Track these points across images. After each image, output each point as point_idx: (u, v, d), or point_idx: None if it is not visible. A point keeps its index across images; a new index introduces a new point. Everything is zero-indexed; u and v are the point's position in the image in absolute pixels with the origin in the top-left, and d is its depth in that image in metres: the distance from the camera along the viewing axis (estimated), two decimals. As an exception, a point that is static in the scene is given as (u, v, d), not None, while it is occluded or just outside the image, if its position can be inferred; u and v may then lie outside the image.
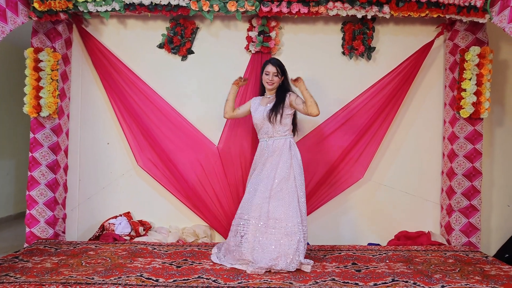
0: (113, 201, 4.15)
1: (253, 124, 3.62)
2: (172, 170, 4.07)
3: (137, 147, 4.09)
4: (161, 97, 4.07)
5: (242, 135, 4.07)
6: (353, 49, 4.05)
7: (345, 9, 3.81)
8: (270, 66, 3.49)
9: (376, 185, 4.17)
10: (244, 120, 4.05)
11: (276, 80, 3.52)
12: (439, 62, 4.14)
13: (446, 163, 4.08)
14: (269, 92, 3.59)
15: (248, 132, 4.05)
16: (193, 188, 4.09)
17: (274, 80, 3.51)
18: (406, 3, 3.74)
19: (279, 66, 3.50)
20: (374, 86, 4.06)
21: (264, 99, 3.60)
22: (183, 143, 4.09)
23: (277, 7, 3.79)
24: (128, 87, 4.05)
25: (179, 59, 4.11)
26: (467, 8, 3.52)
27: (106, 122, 4.13)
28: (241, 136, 4.07)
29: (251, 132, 4.02)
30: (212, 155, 4.09)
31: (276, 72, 3.50)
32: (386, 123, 4.08)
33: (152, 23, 4.08)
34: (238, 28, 4.08)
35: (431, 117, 4.17)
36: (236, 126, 4.07)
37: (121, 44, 4.08)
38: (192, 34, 4.06)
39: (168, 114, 4.08)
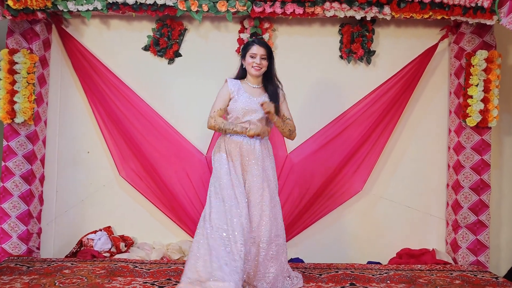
0: (92, 215, 3.86)
1: (227, 111, 2.99)
2: (157, 181, 3.79)
3: (119, 156, 3.82)
4: (146, 103, 3.80)
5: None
6: (351, 52, 3.79)
7: (343, 10, 3.56)
8: (257, 47, 2.91)
9: (376, 198, 3.90)
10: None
11: (264, 64, 2.95)
12: (443, 67, 3.89)
13: (452, 175, 3.81)
14: (253, 79, 3.00)
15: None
16: (179, 201, 3.80)
17: (262, 64, 2.93)
18: (408, 3, 3.50)
19: (267, 48, 2.95)
20: (374, 92, 3.80)
21: (247, 87, 2.99)
22: (169, 152, 3.81)
23: (270, 7, 3.54)
24: (111, 92, 3.78)
25: (165, 62, 3.84)
26: (473, 9, 3.27)
27: (86, 129, 3.86)
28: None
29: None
30: (200, 165, 3.81)
31: (265, 55, 2.94)
32: (387, 132, 3.82)
33: (137, 23, 3.82)
34: (229, 30, 3.82)
35: (435, 126, 3.91)
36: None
37: (104, 46, 3.82)
38: (180, 36, 3.80)
39: (153, 121, 3.81)
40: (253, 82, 3.03)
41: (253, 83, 3.03)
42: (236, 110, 2.95)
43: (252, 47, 2.94)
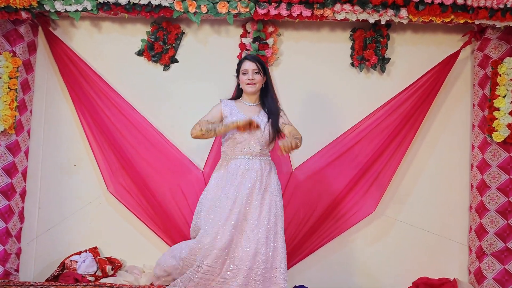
0: (78, 234, 3.53)
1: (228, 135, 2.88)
2: (149, 198, 3.45)
3: (108, 170, 3.49)
4: (138, 113, 3.49)
5: (232, 159, 3.45)
6: (364, 60, 3.46)
7: (355, 13, 3.23)
8: (248, 63, 2.86)
9: (391, 221, 3.53)
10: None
11: (258, 79, 2.86)
12: (465, 76, 3.54)
13: (475, 197, 3.42)
14: (249, 98, 2.93)
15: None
16: (173, 221, 3.46)
17: (255, 78, 2.85)
18: (427, 6, 3.17)
19: (259, 62, 2.87)
20: (389, 103, 3.46)
21: (243, 106, 2.92)
22: (163, 167, 3.48)
23: (275, 9, 3.23)
24: (100, 100, 3.47)
25: (160, 69, 3.54)
26: (501, 11, 2.94)
27: (73, 140, 3.55)
28: (231, 160, 3.45)
29: (242, 155, 3.41)
30: (196, 181, 3.47)
31: (257, 69, 2.85)
32: (403, 148, 3.46)
33: (131, 26, 3.53)
34: (229, 34, 3.51)
35: (456, 142, 3.54)
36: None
37: (94, 50, 3.53)
38: (177, 40, 3.49)
39: (146, 132, 3.49)
40: (249, 100, 2.94)
41: (249, 101, 2.94)
42: (234, 133, 2.84)
43: (244, 64, 2.90)
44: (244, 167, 2.82)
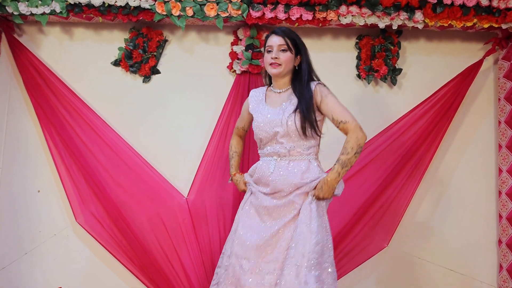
0: (39, 273, 3.01)
1: (254, 133, 2.31)
2: (124, 230, 2.95)
3: (77, 198, 3.00)
4: (113, 131, 3.03)
5: (221, 183, 2.99)
6: (372, 70, 3.02)
7: (363, 16, 2.82)
8: (274, 37, 2.19)
9: (406, 257, 3.04)
10: (224, 163, 2.98)
11: (285, 58, 2.18)
12: (488, 89, 3.10)
13: (506, 229, 2.93)
14: (276, 82, 2.28)
15: (228, 178, 2.95)
16: (151, 256, 2.96)
17: (280, 57, 2.17)
18: (447, 8, 2.77)
19: (288, 37, 2.19)
20: (402, 120, 3.01)
21: (271, 95, 2.30)
22: (141, 193, 3.00)
23: (271, 11, 2.82)
24: (70, 117, 3.02)
25: (140, 80, 3.10)
26: (537, 11, 2.52)
27: (37, 162, 3.07)
28: (220, 185, 2.99)
29: (232, 178, 2.94)
30: (179, 209, 3.00)
31: (285, 45, 2.18)
32: (419, 172, 2.99)
33: (107, 33, 3.10)
34: (219, 42, 3.09)
35: (480, 164, 3.08)
36: (213, 171, 2.99)
37: (65, 59, 3.09)
38: (158, 48, 3.07)
39: (122, 153, 3.02)
40: (277, 86, 2.29)
41: (277, 87, 2.29)
42: (257, 131, 2.27)
43: (269, 39, 2.23)
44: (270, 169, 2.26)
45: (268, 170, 2.20)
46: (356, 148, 2.11)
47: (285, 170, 2.17)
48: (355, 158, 2.12)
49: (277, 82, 2.28)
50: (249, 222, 2.23)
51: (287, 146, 2.19)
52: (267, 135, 2.23)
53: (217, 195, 3.00)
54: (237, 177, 2.44)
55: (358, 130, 2.13)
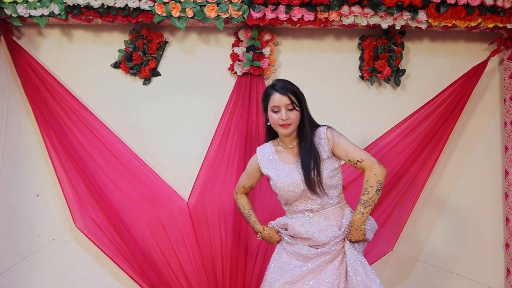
0: (37, 279, 2.96)
1: (278, 194, 2.25)
2: (123, 235, 2.90)
3: (76, 202, 2.95)
4: (113, 134, 2.99)
5: (222, 187, 2.95)
6: (375, 71, 2.98)
7: (366, 16, 2.78)
8: (278, 96, 2.13)
9: (411, 261, 2.98)
10: (225, 166, 2.94)
11: (294, 116, 2.14)
12: (493, 90, 3.06)
13: (512, 232, 2.88)
14: (285, 140, 2.25)
15: (230, 182, 2.92)
16: (151, 261, 2.91)
17: (290, 117, 2.14)
18: (450, 7, 2.73)
19: (292, 93, 2.15)
20: (406, 122, 2.96)
21: (281, 150, 2.26)
22: (141, 197, 2.96)
23: (272, 12, 2.78)
24: (70, 120, 2.98)
25: (140, 83, 3.06)
26: (543, 9, 2.47)
27: (36, 166, 3.02)
28: (221, 188, 2.94)
29: (234, 181, 2.89)
30: (180, 213, 2.95)
31: (291, 104, 2.14)
32: (424, 174, 2.94)
33: (107, 35, 3.07)
34: (220, 43, 3.06)
35: (486, 167, 3.03)
36: (214, 174, 2.95)
37: (64, 62, 3.05)
38: (159, 50, 3.03)
39: (122, 156, 2.98)
40: (286, 142, 2.25)
41: (287, 143, 2.25)
42: (282, 193, 2.19)
43: (272, 98, 2.16)
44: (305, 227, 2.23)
45: (303, 228, 2.15)
46: (376, 186, 2.08)
47: (321, 225, 2.14)
48: (377, 196, 2.10)
49: (286, 139, 2.24)
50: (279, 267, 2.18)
51: (319, 201, 2.15)
52: (295, 194, 2.16)
53: (218, 198, 2.95)
54: (267, 230, 2.31)
55: (376, 166, 2.10)
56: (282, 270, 2.15)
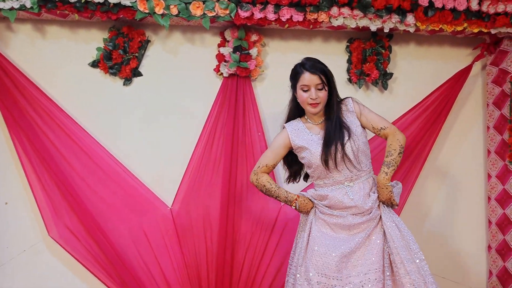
0: (7, 293, 2.74)
1: (307, 166, 2.29)
2: (102, 244, 2.74)
3: (50, 209, 2.76)
4: (91, 137, 2.82)
5: (207, 192, 2.83)
6: (363, 74, 2.95)
7: (355, 18, 2.75)
8: (308, 75, 2.18)
9: (398, 265, 2.94)
10: (211, 171, 2.84)
11: (323, 96, 2.20)
12: (476, 95, 3.10)
13: (495, 235, 2.92)
14: (313, 116, 2.29)
15: (216, 187, 2.81)
16: (132, 271, 2.77)
17: (320, 97, 2.19)
18: (438, 11, 2.74)
19: (322, 73, 2.20)
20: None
21: (312, 126, 2.29)
22: (121, 203, 2.81)
23: (260, 11, 2.70)
24: (43, 121, 2.78)
25: (120, 83, 2.90)
26: (529, 15, 2.51)
27: (5, 172, 2.81)
28: (207, 194, 2.83)
29: (220, 186, 2.78)
30: (163, 220, 2.82)
31: (321, 84, 2.19)
32: (411, 178, 2.94)
33: (84, 32, 2.89)
34: (205, 43, 2.94)
35: (469, 170, 3.06)
36: (199, 179, 2.84)
37: (37, 60, 2.85)
38: (140, 49, 2.88)
39: (101, 161, 2.81)
40: (315, 119, 2.30)
41: (316, 120, 2.30)
42: (314, 161, 2.21)
43: (302, 77, 2.21)
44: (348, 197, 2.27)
45: (347, 197, 2.18)
46: (399, 149, 2.21)
47: (363, 192, 2.19)
48: (399, 158, 2.22)
49: (315, 116, 2.29)
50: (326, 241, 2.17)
51: (355, 171, 2.20)
52: (329, 165, 2.19)
53: (203, 204, 2.84)
54: (302, 198, 2.28)
55: (398, 133, 2.25)
56: (333, 243, 2.14)
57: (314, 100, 2.20)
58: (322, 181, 2.25)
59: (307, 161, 2.24)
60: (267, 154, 2.36)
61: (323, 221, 2.22)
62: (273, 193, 2.30)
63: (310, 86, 2.19)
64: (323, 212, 2.22)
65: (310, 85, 2.19)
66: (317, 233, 2.19)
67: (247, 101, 2.89)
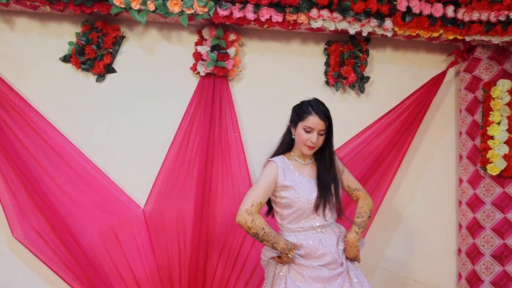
0: (-33, 297, 2.61)
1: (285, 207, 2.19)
2: (70, 245, 2.64)
3: (15, 209, 2.64)
4: (61, 134, 2.72)
5: (181, 194, 2.77)
6: (340, 77, 2.96)
7: (334, 21, 2.75)
8: (315, 119, 2.16)
9: (371, 268, 2.99)
10: (185, 172, 2.78)
11: (321, 141, 2.20)
12: (449, 101, 3.15)
13: (465, 238, 2.98)
14: (303, 156, 2.27)
15: (190, 189, 2.75)
16: (102, 274, 2.69)
17: (319, 142, 2.19)
18: (415, 17, 2.77)
19: (329, 119, 2.20)
20: (369, 129, 2.97)
21: (298, 165, 2.26)
22: (92, 204, 2.71)
23: (239, 10, 2.67)
24: (10, 118, 2.66)
25: (93, 79, 2.80)
26: (502, 24, 2.57)
27: (-32, 169, 2.66)
28: (181, 195, 2.77)
29: (195, 188, 2.74)
30: (135, 221, 2.74)
31: (324, 130, 2.19)
32: (386, 182, 2.96)
33: (56, 25, 2.78)
34: (182, 41, 2.88)
35: (442, 175, 3.12)
36: (173, 179, 2.78)
37: (4, 53, 2.73)
38: (115, 45, 2.80)
39: (72, 160, 2.71)
40: (303, 158, 2.29)
41: (304, 160, 2.29)
42: (302, 205, 2.16)
43: (309, 118, 2.18)
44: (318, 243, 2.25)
45: (321, 244, 2.16)
46: (369, 213, 2.32)
47: (333, 241, 2.20)
48: (368, 221, 2.33)
49: (304, 156, 2.28)
50: None
51: (330, 216, 2.23)
52: (311, 208, 2.17)
53: (177, 206, 2.77)
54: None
55: (369, 197, 2.37)
56: None
57: (314, 144, 2.17)
58: (297, 225, 2.18)
59: (289, 201, 2.16)
60: (260, 190, 2.16)
61: (298, 273, 2.14)
62: (271, 238, 2.10)
63: (314, 129, 2.17)
64: (299, 264, 2.15)
65: (315, 129, 2.17)
66: (292, 287, 2.11)
67: (223, 101, 2.85)
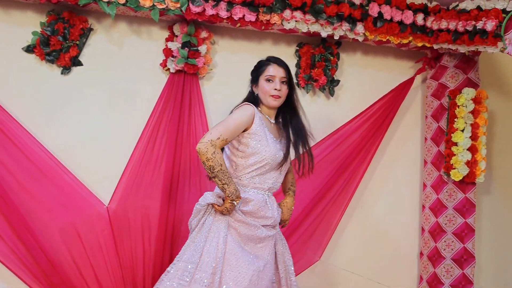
0: None
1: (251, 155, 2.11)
2: (29, 244, 2.54)
3: (-30, 206, 2.52)
4: (22, 128, 2.61)
5: (147, 192, 2.72)
6: (311, 79, 2.97)
7: (307, 23, 2.76)
8: (274, 67, 2.18)
9: (335, 270, 3.03)
10: (152, 170, 2.73)
11: (285, 91, 2.20)
12: (415, 107, 3.23)
13: (428, 242, 3.05)
14: (269, 112, 2.24)
15: (157, 187, 2.70)
16: (62, 273, 2.60)
17: (282, 90, 2.18)
18: (386, 23, 2.81)
19: (287, 68, 2.22)
20: (337, 132, 3.00)
21: (268, 124, 2.21)
22: (54, 201, 2.62)
23: (212, 8, 2.63)
24: (-34, 110, 2.55)
25: (58, 72, 2.71)
26: (469, 34, 2.63)
27: None
28: (146, 193, 2.72)
29: (161, 186, 2.68)
30: (98, 219, 2.67)
31: (285, 77, 2.19)
32: (352, 185, 3.00)
33: (19, 14, 2.67)
34: (152, 36, 2.83)
35: (407, 179, 3.18)
36: (139, 177, 2.71)
37: (-39, 40, 2.60)
38: (82, 37, 2.71)
39: (33, 155, 2.61)
40: (270, 115, 2.27)
41: (271, 117, 2.27)
42: (266, 156, 2.12)
43: (268, 68, 2.21)
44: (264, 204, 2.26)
45: (270, 204, 2.19)
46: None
47: (275, 204, 2.24)
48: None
49: (271, 112, 2.26)
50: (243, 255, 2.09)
51: (280, 181, 2.25)
52: (272, 166, 2.16)
53: (142, 204, 2.72)
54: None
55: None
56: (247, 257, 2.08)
57: (278, 92, 2.16)
58: (251, 180, 2.13)
59: (255, 151, 2.09)
60: (229, 126, 2.04)
61: (235, 230, 2.10)
62: (225, 177, 2.00)
63: (275, 77, 2.18)
64: (238, 220, 2.10)
65: (276, 76, 2.18)
66: (233, 244, 2.07)
67: (193, 99, 2.81)
